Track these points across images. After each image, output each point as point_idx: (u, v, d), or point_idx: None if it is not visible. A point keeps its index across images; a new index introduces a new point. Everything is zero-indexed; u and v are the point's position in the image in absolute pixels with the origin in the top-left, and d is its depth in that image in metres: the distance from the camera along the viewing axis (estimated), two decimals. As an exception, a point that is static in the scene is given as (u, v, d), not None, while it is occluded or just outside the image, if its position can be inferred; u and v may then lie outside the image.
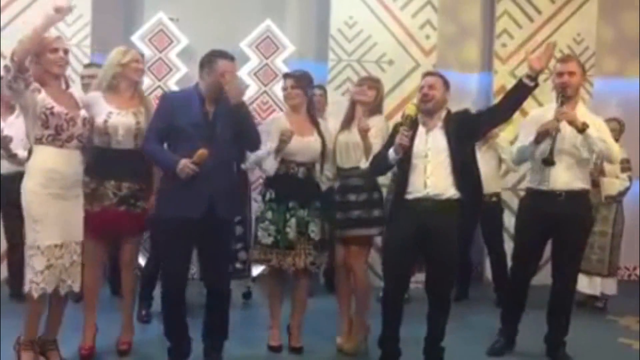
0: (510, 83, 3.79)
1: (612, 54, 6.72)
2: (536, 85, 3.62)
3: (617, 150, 4.04)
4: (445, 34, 6.46)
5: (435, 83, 3.76)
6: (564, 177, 3.97)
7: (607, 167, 5.32)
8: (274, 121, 4.13)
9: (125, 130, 3.70)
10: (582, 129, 3.85)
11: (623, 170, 5.39)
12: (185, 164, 3.44)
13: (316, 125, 4.11)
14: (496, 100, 6.12)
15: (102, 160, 3.70)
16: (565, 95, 3.94)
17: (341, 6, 6.14)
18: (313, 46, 6.42)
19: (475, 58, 6.65)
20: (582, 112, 4.02)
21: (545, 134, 3.88)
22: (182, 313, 3.65)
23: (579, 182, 4.02)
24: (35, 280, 3.44)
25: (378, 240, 4.63)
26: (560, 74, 3.99)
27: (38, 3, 5.73)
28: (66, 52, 3.58)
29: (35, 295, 3.45)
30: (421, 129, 3.75)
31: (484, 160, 4.54)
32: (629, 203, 5.90)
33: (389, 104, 5.51)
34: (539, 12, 6.39)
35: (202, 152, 3.46)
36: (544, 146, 3.93)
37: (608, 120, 5.56)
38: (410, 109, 3.71)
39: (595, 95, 6.43)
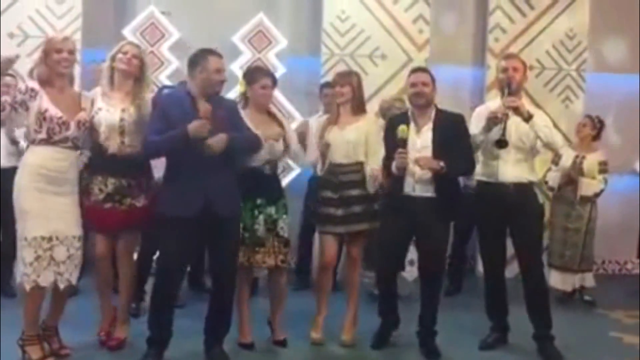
0: (502, 78, 3.89)
1: (606, 49, 6.72)
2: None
3: (559, 138, 4.15)
4: (438, 28, 6.45)
5: (427, 80, 3.96)
6: (513, 171, 4.05)
7: (585, 167, 5.32)
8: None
9: (108, 127, 3.71)
10: (528, 117, 3.94)
11: (601, 172, 5.38)
12: (196, 124, 3.43)
13: (279, 123, 4.09)
14: (489, 94, 6.16)
15: (92, 156, 3.76)
16: (510, 89, 4.01)
17: (334, 0, 6.12)
18: (306, 40, 6.39)
19: (468, 52, 6.63)
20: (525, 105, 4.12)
21: (495, 119, 3.93)
22: (170, 309, 3.68)
23: (526, 175, 4.10)
24: (26, 272, 3.48)
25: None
26: (504, 70, 4.10)
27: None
28: (71, 52, 3.62)
29: (27, 287, 3.49)
30: (412, 128, 3.93)
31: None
32: (625, 197, 5.91)
33: (381, 98, 5.50)
34: (531, 7, 6.38)
35: (206, 107, 3.50)
36: (493, 134, 3.98)
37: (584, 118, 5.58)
38: (404, 131, 3.86)
39: (587, 91, 6.44)
